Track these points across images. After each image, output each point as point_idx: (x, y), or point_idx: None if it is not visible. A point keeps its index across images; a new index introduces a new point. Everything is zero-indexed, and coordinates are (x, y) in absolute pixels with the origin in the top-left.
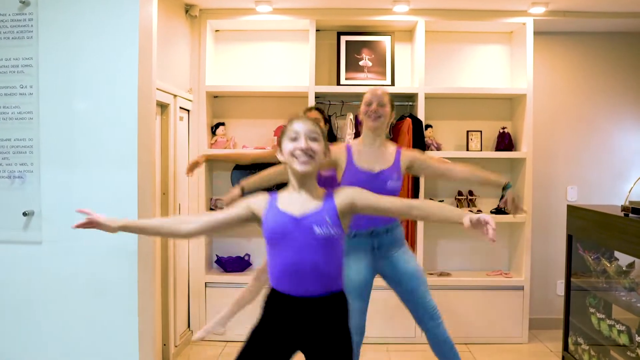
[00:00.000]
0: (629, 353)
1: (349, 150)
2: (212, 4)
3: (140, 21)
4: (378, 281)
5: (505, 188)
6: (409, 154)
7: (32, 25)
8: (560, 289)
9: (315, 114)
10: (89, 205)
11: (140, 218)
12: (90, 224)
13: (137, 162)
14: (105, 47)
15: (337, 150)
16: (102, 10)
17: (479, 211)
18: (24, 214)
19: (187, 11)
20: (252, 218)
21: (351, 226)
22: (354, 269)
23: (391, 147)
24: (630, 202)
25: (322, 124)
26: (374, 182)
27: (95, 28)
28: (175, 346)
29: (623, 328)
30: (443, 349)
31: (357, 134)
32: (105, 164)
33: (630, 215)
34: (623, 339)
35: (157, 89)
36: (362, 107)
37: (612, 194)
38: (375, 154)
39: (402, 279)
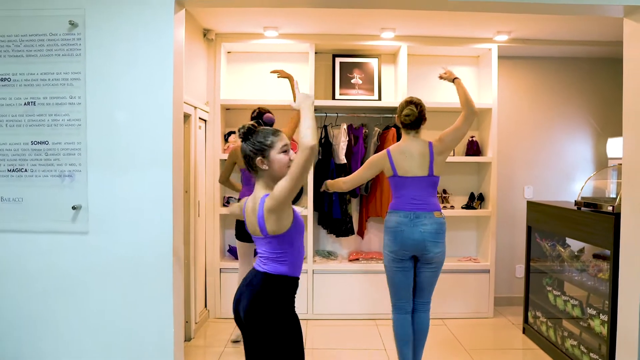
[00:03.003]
0: (581, 323)
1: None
2: (226, 29)
3: (174, 43)
4: (366, 265)
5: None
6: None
7: (80, 44)
8: (519, 272)
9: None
10: (129, 201)
11: (175, 213)
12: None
13: (172, 165)
14: (144, 64)
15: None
16: (142, 31)
17: (452, 207)
18: (73, 207)
19: (204, 35)
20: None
21: None
22: None
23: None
24: (583, 198)
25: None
26: None
27: (135, 48)
28: (195, 323)
29: (577, 303)
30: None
31: (349, 142)
32: (144, 165)
33: (582, 208)
34: (576, 312)
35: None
36: None
37: (562, 192)
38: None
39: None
